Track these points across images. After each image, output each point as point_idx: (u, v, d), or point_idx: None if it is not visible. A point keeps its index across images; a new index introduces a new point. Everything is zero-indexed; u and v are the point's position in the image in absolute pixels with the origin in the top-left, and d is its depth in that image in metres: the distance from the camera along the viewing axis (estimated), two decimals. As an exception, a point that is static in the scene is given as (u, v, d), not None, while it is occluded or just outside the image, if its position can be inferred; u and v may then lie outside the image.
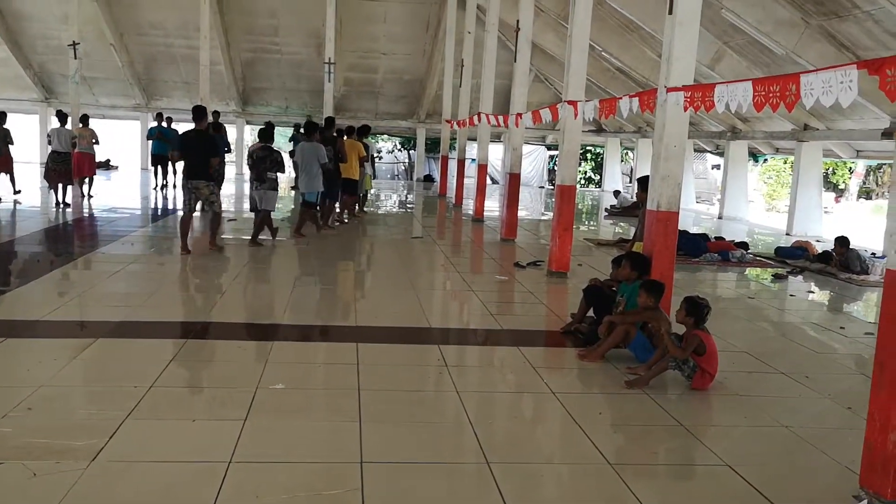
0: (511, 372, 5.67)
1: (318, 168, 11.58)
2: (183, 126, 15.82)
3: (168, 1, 21.29)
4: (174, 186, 18.15)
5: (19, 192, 14.87)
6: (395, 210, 18.22)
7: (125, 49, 22.90)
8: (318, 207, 12.29)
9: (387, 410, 4.61)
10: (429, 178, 28.17)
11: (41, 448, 3.79)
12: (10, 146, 14.51)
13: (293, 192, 17.27)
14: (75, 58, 19.63)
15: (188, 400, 4.80)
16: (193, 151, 9.64)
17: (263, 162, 10.70)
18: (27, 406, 4.34)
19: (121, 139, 27.01)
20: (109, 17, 21.75)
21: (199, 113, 9.84)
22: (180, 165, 11.23)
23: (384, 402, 4.75)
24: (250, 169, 11.09)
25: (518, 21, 11.98)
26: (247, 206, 14.09)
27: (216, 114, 16.42)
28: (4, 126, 14.38)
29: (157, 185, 18.22)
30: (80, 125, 16.08)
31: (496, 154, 27.23)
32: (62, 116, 15.07)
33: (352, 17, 21.98)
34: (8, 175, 14.75)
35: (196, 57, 20.39)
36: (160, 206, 16.01)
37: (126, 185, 20.02)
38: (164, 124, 18.10)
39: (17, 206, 13.85)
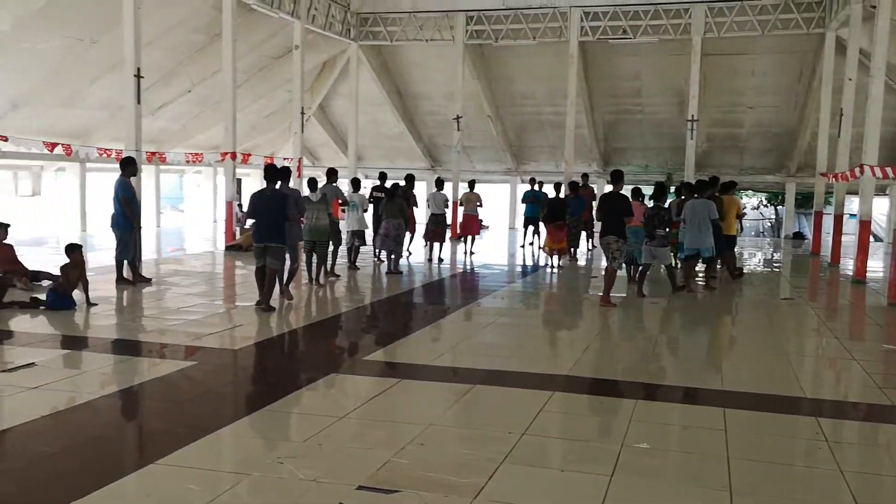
0: (904, 454, 5.08)
1: (708, 225, 11.64)
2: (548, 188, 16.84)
3: (540, 74, 22.78)
4: (535, 246, 19.08)
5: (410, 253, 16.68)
6: (761, 269, 17.25)
7: (500, 119, 24.94)
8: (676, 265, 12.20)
9: (759, 484, 4.41)
10: (799, 236, 26.20)
11: (432, 481, 4.27)
12: (414, 208, 16.21)
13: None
14: (458, 129, 21.86)
15: (557, 450, 5.05)
16: (609, 211, 10.31)
17: (653, 220, 11.23)
18: (420, 441, 4.92)
19: (492, 201, 29.28)
20: (488, 92, 23.90)
21: (616, 176, 10.60)
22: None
23: (756, 475, 4.54)
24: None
25: (910, 64, 10.87)
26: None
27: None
28: (413, 191, 16.14)
29: (524, 244, 19.36)
30: (469, 189, 17.79)
31: (880, 209, 24.53)
32: (439, 182, 16.75)
33: (717, 73, 21.57)
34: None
35: (562, 122, 21.53)
36: (528, 263, 16.99)
37: (496, 243, 21.58)
38: (537, 188, 19.14)
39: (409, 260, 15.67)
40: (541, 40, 21.24)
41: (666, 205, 11.89)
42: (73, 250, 9.46)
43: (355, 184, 14.71)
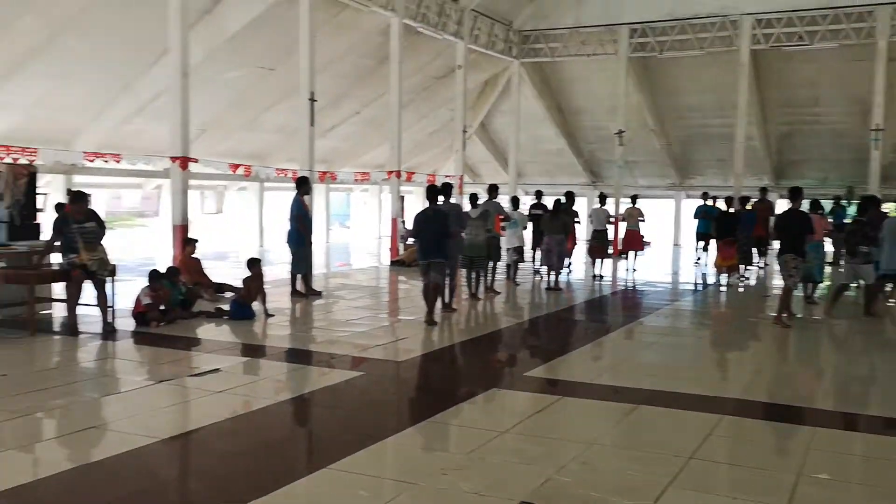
0: None
1: None
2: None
3: (707, 85, 22.03)
4: (704, 263, 18.39)
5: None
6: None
7: (664, 133, 24.29)
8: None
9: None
10: None
11: (595, 501, 4.21)
12: (576, 224, 16.03)
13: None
14: (620, 144, 21.51)
15: (727, 476, 4.84)
16: (788, 228, 10.04)
17: (854, 235, 10.75)
18: (582, 460, 4.87)
19: (654, 216, 28.50)
20: (652, 105, 23.35)
21: (795, 193, 10.27)
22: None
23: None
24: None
25: None
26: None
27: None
28: (573, 207, 16.08)
29: (696, 260, 18.68)
30: (631, 204, 17.49)
31: None
32: (602, 198, 16.52)
33: (904, 78, 20.01)
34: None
35: (731, 134, 20.68)
36: (695, 280, 16.39)
37: (660, 260, 20.98)
38: (709, 202, 18.46)
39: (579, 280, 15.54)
40: (709, 50, 20.56)
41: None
42: (254, 264, 10.13)
43: (514, 202, 14.88)
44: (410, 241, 20.08)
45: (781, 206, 17.78)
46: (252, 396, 6.39)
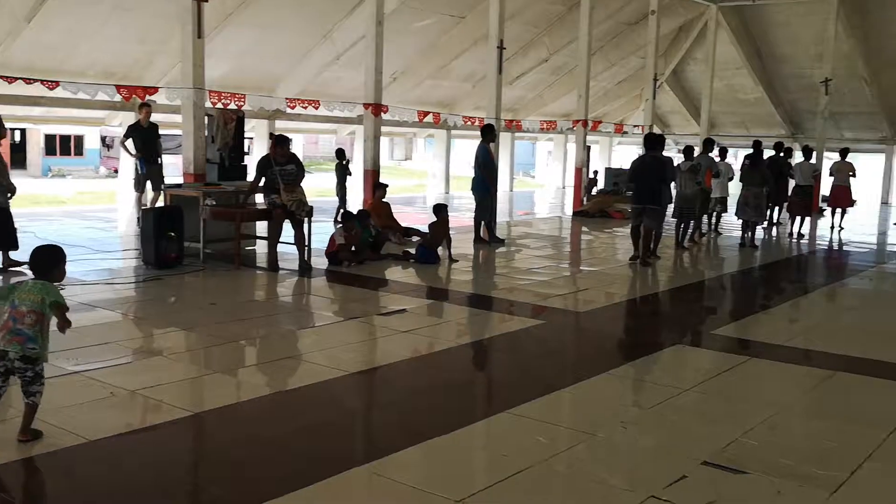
0: None
1: None
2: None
3: (932, 28, 19.81)
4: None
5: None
6: None
7: (877, 82, 22.15)
8: None
9: None
10: None
11: (785, 468, 4.01)
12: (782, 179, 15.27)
13: None
14: (826, 94, 19.87)
15: (934, 455, 4.47)
16: None
17: None
18: (770, 425, 4.65)
19: (862, 173, 26.26)
20: (865, 51, 21.33)
21: None
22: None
23: None
24: None
25: None
26: None
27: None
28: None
29: (901, 222, 17.19)
30: (840, 158, 16.26)
31: None
32: (807, 151, 15.47)
33: None
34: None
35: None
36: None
37: (867, 219, 19.36)
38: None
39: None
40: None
41: None
42: (440, 210, 10.38)
43: (723, 152, 14.49)
44: (594, 191, 19.85)
45: None
46: (435, 338, 6.61)
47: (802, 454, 4.24)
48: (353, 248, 9.69)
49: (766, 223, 14.41)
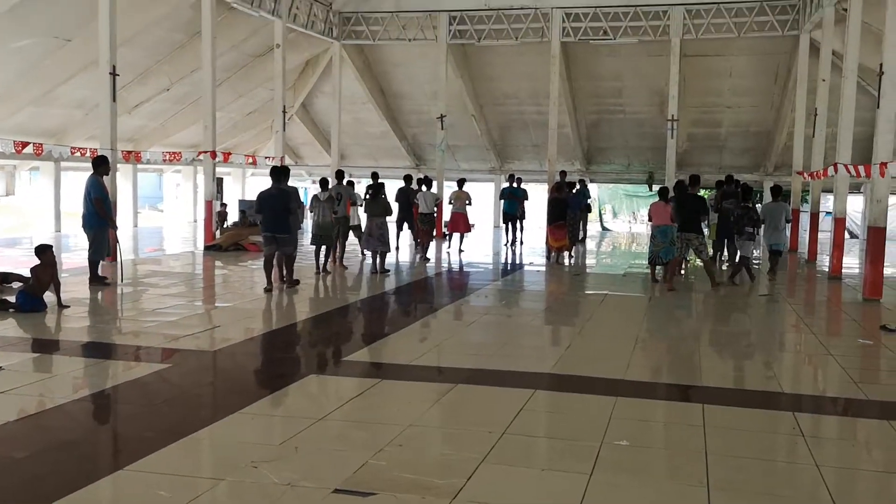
0: (879, 448, 5.08)
1: (784, 223, 13.49)
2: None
3: (523, 73, 22.67)
4: (521, 243, 19.12)
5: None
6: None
7: (483, 118, 24.82)
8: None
9: (736, 479, 4.38)
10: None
11: (409, 483, 4.18)
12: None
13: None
14: (442, 128, 21.77)
15: (537, 449, 4.98)
16: (689, 210, 11.72)
17: (742, 219, 12.77)
18: (398, 443, 4.83)
19: (476, 200, 29.20)
20: (472, 91, 23.74)
21: (694, 180, 12.23)
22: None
23: (733, 470, 4.52)
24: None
25: (881, 65, 11.08)
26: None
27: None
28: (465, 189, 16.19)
29: (507, 242, 19.35)
30: (458, 188, 17.84)
31: (855, 206, 24.74)
32: (428, 181, 16.72)
33: (695, 75, 21.59)
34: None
35: (545, 121, 21.44)
36: (510, 261, 16.93)
37: (481, 242, 21.50)
38: (515, 184, 19.27)
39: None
40: (523, 41, 21.18)
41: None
42: (44, 251, 9.26)
43: (339, 175, 14.90)
44: (226, 224, 19.41)
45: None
46: (45, 395, 5.85)
47: (426, 467, 4.45)
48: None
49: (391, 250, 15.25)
